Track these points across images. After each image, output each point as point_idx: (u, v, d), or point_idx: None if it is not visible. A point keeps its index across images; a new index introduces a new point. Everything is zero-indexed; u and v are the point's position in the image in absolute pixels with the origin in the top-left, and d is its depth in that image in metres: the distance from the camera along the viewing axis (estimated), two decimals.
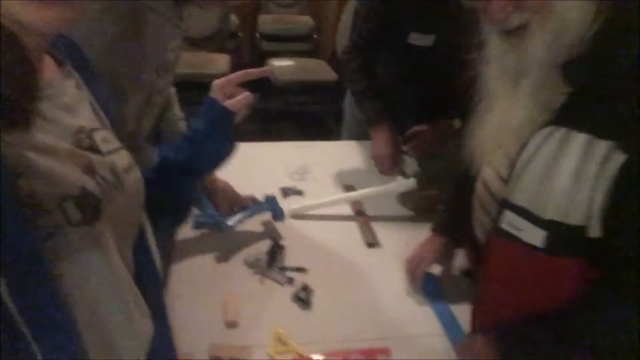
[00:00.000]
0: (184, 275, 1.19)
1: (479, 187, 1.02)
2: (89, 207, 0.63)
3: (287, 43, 3.96)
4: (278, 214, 1.41)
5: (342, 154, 1.84)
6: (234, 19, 3.98)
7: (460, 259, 1.26)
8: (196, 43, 3.54)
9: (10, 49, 0.57)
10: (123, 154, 0.73)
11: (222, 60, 3.48)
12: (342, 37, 1.85)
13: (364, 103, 1.80)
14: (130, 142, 0.80)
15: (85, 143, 0.66)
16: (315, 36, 4.11)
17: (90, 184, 0.63)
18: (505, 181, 0.88)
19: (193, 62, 3.26)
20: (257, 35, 4.09)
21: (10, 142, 0.56)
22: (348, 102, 2.02)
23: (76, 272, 0.62)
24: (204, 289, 1.16)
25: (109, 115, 0.76)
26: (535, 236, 0.82)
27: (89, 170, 0.64)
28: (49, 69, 0.67)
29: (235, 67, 3.64)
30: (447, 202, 1.27)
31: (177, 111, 1.51)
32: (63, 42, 0.74)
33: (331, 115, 2.12)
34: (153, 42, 1.17)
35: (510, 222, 0.86)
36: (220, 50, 3.65)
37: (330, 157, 1.81)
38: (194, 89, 1.57)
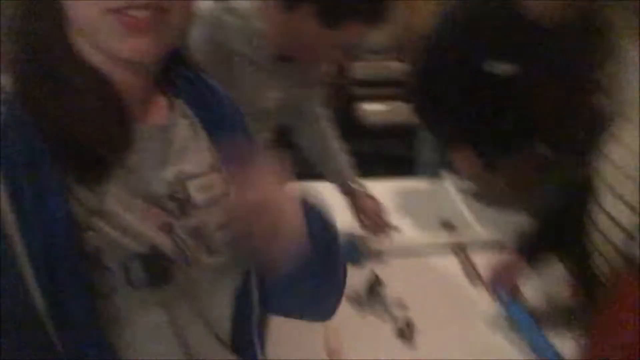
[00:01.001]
0: None
1: (601, 219, 0.91)
2: (158, 268, 0.57)
3: (378, 88, 3.96)
4: (354, 259, 1.35)
5: (434, 191, 1.76)
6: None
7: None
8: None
9: (97, 96, 0.55)
10: (225, 204, 0.66)
11: None
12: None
13: (439, 123, 1.73)
14: None
15: (177, 194, 0.62)
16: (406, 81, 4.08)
17: (164, 242, 0.58)
18: (633, 208, 0.78)
19: None
20: (348, 80, 4.12)
21: (82, 197, 0.54)
22: (421, 140, 1.97)
23: (136, 335, 0.57)
24: (303, 324, 1.11)
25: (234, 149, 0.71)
26: None
27: (166, 228, 0.59)
28: (158, 112, 0.64)
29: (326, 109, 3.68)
30: (537, 227, 1.17)
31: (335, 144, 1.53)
32: (184, 74, 0.71)
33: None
34: (249, 88, 1.19)
35: None
36: None
37: (423, 193, 1.74)
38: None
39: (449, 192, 1.72)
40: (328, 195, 1.16)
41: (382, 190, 1.75)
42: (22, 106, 0.52)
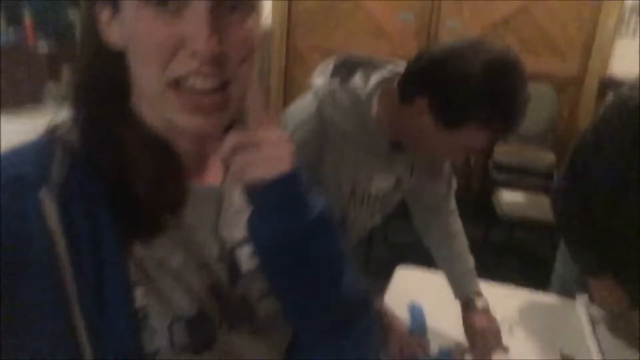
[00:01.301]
0: None
1: None
2: (202, 333, 0.57)
3: (521, 175, 3.75)
4: None
5: (564, 314, 1.58)
6: None
7: None
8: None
9: (154, 156, 0.57)
10: None
11: None
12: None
13: (582, 254, 1.55)
14: None
15: (226, 259, 0.62)
16: (555, 174, 3.83)
17: (211, 307, 0.58)
18: None
19: None
20: (491, 163, 3.97)
21: (136, 253, 0.55)
22: (561, 253, 1.76)
23: None
24: None
25: None
26: None
27: (215, 292, 0.59)
28: (214, 173, 0.65)
29: (461, 190, 3.58)
30: None
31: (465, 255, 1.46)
32: None
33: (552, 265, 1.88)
34: (353, 171, 1.17)
35: None
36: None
37: (549, 311, 1.57)
38: None
39: (580, 319, 1.54)
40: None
41: (506, 297, 1.62)
42: (85, 162, 0.55)
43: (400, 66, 1.18)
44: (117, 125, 0.57)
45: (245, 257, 0.64)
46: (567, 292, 1.66)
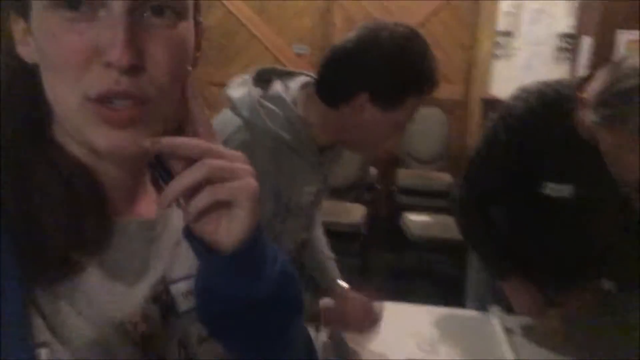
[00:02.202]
0: None
1: None
2: None
3: (424, 198, 3.90)
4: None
5: (480, 327, 1.62)
6: (373, 170, 4.05)
7: None
8: (335, 192, 3.62)
9: (69, 187, 0.50)
10: None
11: (357, 211, 3.49)
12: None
13: (489, 258, 1.64)
14: None
15: (162, 297, 0.55)
16: None
17: None
18: None
19: (329, 211, 3.29)
20: (395, 188, 4.09)
21: (43, 305, 0.47)
22: (471, 263, 1.85)
23: None
24: None
25: None
26: None
27: (146, 341, 0.53)
28: (148, 206, 0.59)
29: (370, 218, 3.67)
30: None
31: (326, 251, 1.50)
32: None
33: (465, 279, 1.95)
34: (289, 180, 1.16)
35: None
36: (357, 200, 3.68)
37: (466, 325, 1.60)
38: (329, 237, 1.56)
39: (495, 332, 1.59)
40: None
41: (424, 315, 1.64)
42: None
43: (313, 74, 1.22)
44: (31, 152, 0.50)
45: (183, 296, 0.58)
46: (481, 304, 1.72)
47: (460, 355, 1.47)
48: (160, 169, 0.58)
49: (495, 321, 1.62)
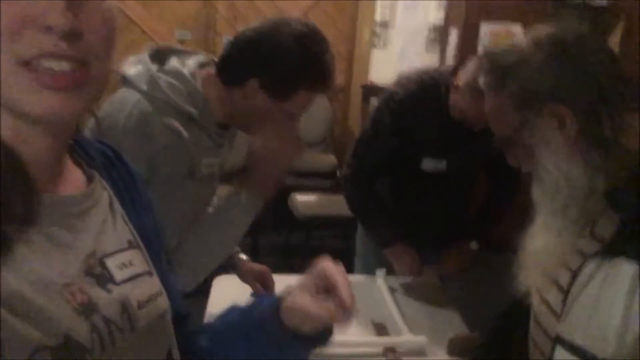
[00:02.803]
0: None
1: (531, 323, 0.95)
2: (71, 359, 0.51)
3: (310, 179, 4.05)
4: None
5: (368, 289, 1.78)
6: None
7: None
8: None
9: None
10: (146, 282, 0.63)
11: None
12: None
13: (375, 228, 1.79)
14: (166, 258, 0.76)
15: (95, 270, 0.57)
16: (338, 173, 4.22)
17: (79, 329, 0.52)
18: (558, 315, 0.82)
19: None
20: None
21: None
22: (359, 235, 2.01)
23: None
24: None
25: (146, 231, 0.69)
26: None
27: (86, 309, 0.54)
28: (73, 183, 0.61)
29: None
30: (488, 336, 1.20)
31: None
32: (102, 151, 0.69)
33: (353, 251, 2.11)
34: (190, 151, 1.20)
35: None
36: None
37: (356, 289, 1.75)
38: None
39: (381, 291, 1.75)
40: None
41: None
42: None
43: (209, 55, 1.27)
44: None
45: (117, 267, 0.59)
46: (368, 270, 1.89)
47: (358, 315, 1.59)
48: None
49: (380, 282, 1.79)
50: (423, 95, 1.66)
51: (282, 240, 3.77)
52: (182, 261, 1.16)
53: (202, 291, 1.61)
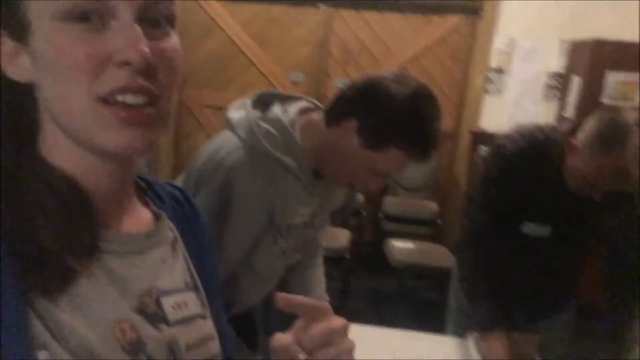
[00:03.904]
0: None
1: None
2: None
3: (409, 225, 3.92)
4: None
5: (457, 353, 1.62)
6: (359, 197, 4.06)
7: None
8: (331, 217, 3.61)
9: (62, 198, 0.52)
10: (198, 324, 0.63)
11: (343, 236, 3.49)
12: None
13: (477, 305, 1.63)
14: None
15: (149, 309, 0.58)
16: (439, 222, 4.05)
17: None
18: None
19: None
20: (381, 215, 4.11)
21: (41, 309, 0.49)
22: (454, 290, 1.86)
23: None
24: None
25: (207, 274, 0.68)
26: None
27: (134, 348, 0.54)
28: (139, 222, 0.62)
29: (355, 243, 3.67)
30: None
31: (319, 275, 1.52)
32: (170, 193, 0.70)
33: (446, 305, 1.96)
34: (283, 201, 1.18)
35: None
36: (343, 225, 3.68)
37: (446, 354, 1.60)
38: None
39: (471, 357, 1.58)
40: None
41: (400, 340, 1.63)
42: None
43: (314, 100, 1.25)
44: (20, 168, 0.53)
45: (171, 307, 0.60)
46: (460, 330, 1.72)
47: None
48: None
49: (471, 347, 1.62)
50: (533, 153, 1.51)
51: (373, 286, 3.65)
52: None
53: None
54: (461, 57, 4.20)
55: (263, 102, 1.22)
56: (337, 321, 0.59)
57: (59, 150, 0.55)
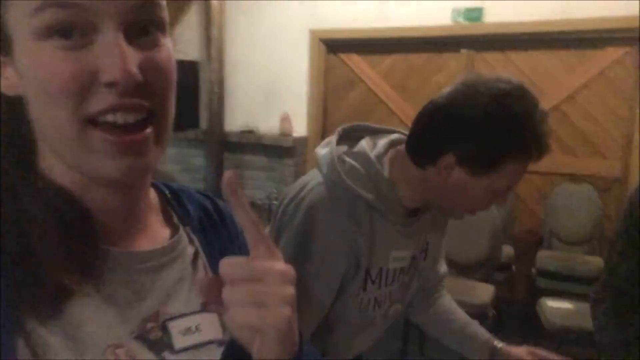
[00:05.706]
0: None
1: None
2: None
3: (567, 283, 3.47)
4: None
5: None
6: (508, 250, 3.72)
7: None
8: (462, 270, 3.36)
9: (60, 217, 0.49)
10: (211, 351, 0.57)
11: (485, 291, 3.19)
12: None
13: None
14: None
15: (153, 334, 0.53)
16: None
17: None
18: None
19: (453, 288, 3.03)
20: (534, 270, 3.70)
21: (35, 337, 0.46)
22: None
23: None
24: None
25: None
26: None
27: None
28: (153, 238, 0.58)
29: (503, 301, 3.33)
30: None
31: (463, 317, 1.39)
32: (200, 203, 0.65)
33: None
34: (370, 243, 1.08)
35: None
36: (486, 280, 3.38)
37: None
38: None
39: None
40: None
41: None
42: None
43: (405, 133, 1.14)
44: (18, 183, 0.51)
45: (182, 334, 0.56)
46: None
47: None
48: None
49: None
50: None
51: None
52: None
53: None
54: (624, 92, 3.73)
55: (353, 138, 1.15)
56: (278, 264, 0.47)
57: (58, 167, 0.52)
